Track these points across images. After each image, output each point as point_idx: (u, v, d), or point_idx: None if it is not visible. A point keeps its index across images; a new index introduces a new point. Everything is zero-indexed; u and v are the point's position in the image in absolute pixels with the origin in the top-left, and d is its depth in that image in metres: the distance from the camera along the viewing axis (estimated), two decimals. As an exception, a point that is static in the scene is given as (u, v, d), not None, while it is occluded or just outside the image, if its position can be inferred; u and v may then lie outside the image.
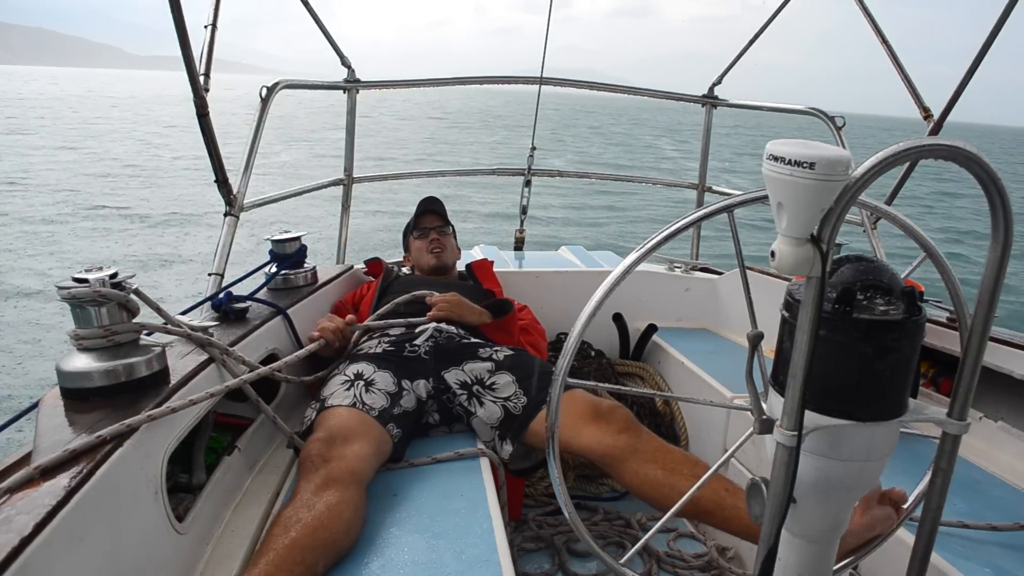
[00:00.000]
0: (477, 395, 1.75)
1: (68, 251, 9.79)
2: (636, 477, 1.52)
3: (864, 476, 0.78)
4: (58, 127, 29.65)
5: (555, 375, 0.86)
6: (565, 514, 0.90)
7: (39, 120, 33.06)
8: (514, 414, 1.69)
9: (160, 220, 12.07)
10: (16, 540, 0.80)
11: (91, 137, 25.78)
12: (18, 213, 12.09)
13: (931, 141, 0.64)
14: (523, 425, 1.67)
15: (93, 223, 11.72)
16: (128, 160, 20.00)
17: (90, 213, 12.47)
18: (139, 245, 10.39)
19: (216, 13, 2.00)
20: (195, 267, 8.96)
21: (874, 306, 0.73)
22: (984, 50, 2.09)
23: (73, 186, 15.01)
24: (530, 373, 1.77)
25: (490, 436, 1.72)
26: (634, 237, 11.90)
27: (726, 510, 1.42)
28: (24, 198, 13.53)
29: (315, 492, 1.28)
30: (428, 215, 2.40)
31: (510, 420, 1.69)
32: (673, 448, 1.57)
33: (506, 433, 1.69)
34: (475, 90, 9.78)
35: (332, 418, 1.51)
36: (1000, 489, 1.53)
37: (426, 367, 1.79)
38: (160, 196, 14.29)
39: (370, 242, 9.59)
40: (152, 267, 9.04)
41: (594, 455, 1.57)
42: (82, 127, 30.32)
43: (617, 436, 1.55)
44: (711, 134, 3.26)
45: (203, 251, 9.73)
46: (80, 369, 1.17)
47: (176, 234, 11.12)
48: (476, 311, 2.01)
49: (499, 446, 1.70)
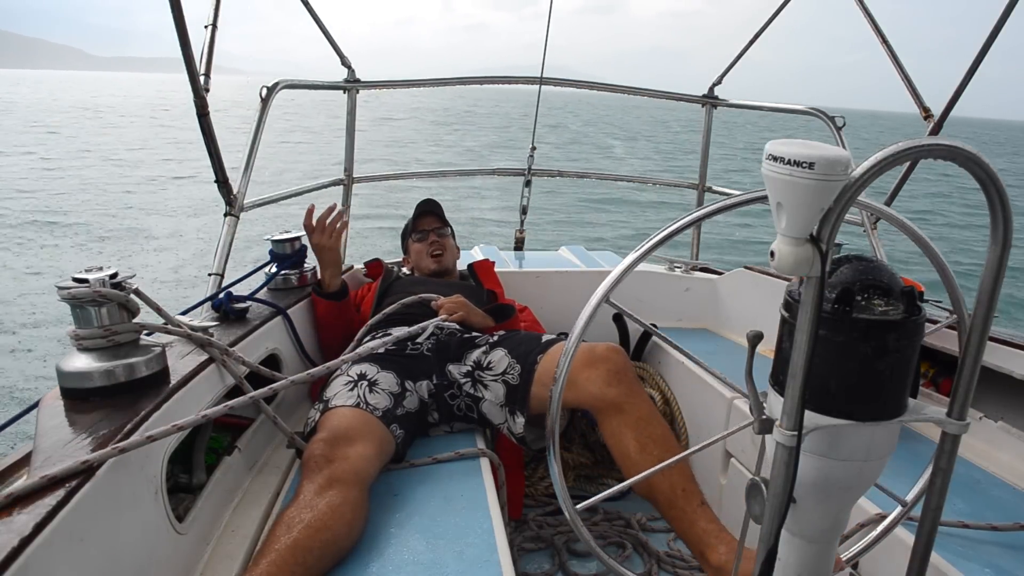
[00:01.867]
0: (479, 379, 1.77)
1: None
2: (612, 438, 1.59)
3: (864, 476, 0.78)
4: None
5: (556, 375, 0.86)
6: (565, 514, 0.90)
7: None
8: (514, 385, 1.72)
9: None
10: (16, 540, 0.80)
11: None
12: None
13: (930, 141, 0.64)
14: (525, 392, 1.70)
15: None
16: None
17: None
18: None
19: (216, 13, 2.00)
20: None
21: (874, 306, 0.73)
22: (985, 49, 2.09)
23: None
24: (519, 342, 1.82)
25: (502, 416, 1.74)
26: (634, 237, 11.90)
27: (674, 509, 1.46)
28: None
29: (318, 492, 1.28)
30: (426, 217, 2.40)
31: (512, 392, 1.72)
32: (657, 422, 1.59)
33: (513, 406, 1.72)
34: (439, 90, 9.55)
35: (336, 418, 1.51)
36: (1000, 489, 1.53)
37: (429, 364, 1.80)
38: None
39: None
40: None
41: (585, 403, 1.63)
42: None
43: (607, 388, 1.59)
44: (711, 134, 3.26)
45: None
46: (80, 369, 1.17)
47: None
48: (479, 315, 2.02)
49: (512, 422, 1.72)
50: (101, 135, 28.59)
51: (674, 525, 1.48)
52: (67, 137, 27.31)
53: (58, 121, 35.58)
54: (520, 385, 1.72)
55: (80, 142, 25.50)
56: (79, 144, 24.70)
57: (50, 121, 35.26)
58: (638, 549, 2.02)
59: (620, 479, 2.42)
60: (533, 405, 1.71)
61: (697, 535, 1.42)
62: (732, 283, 2.62)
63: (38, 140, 25.53)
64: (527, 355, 1.76)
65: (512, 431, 1.72)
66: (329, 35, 2.79)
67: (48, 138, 26.57)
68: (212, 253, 1.95)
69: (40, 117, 37.99)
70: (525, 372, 1.73)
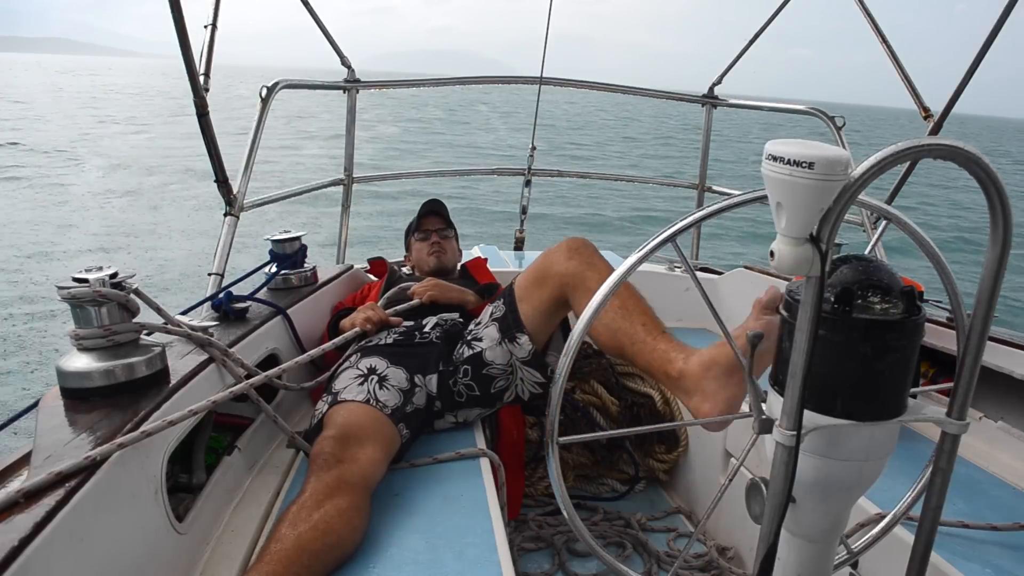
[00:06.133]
0: (474, 337, 1.77)
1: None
2: (579, 307, 1.57)
3: (864, 476, 0.78)
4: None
5: (556, 375, 0.86)
6: (564, 514, 0.90)
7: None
8: (503, 315, 1.73)
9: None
10: (16, 540, 0.80)
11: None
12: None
13: (931, 141, 0.64)
14: (514, 313, 1.71)
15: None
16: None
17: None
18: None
19: (216, 13, 2.00)
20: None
21: (873, 306, 0.73)
22: (985, 48, 2.09)
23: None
24: (496, 288, 1.84)
25: (505, 354, 1.71)
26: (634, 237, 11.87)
27: (636, 344, 1.44)
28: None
29: (326, 493, 1.26)
30: (430, 217, 2.40)
31: (504, 321, 1.72)
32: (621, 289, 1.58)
33: (511, 332, 1.71)
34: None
35: (345, 414, 1.49)
36: (1000, 489, 1.53)
37: (439, 351, 1.80)
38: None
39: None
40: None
41: (556, 288, 1.63)
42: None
43: (567, 263, 1.60)
44: (711, 134, 3.26)
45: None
46: (80, 369, 1.17)
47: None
48: (456, 288, 2.06)
49: (515, 348, 1.70)
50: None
51: (639, 362, 1.45)
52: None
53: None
54: (508, 310, 1.72)
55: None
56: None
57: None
58: (638, 549, 2.02)
59: (620, 479, 2.43)
60: (526, 322, 1.70)
61: (658, 358, 1.40)
62: (732, 283, 2.62)
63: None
64: (507, 289, 1.78)
65: (517, 356, 1.70)
66: (328, 34, 2.80)
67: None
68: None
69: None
70: (507, 297, 1.74)
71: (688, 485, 2.31)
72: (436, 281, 2.06)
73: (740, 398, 1.30)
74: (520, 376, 1.72)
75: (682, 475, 2.35)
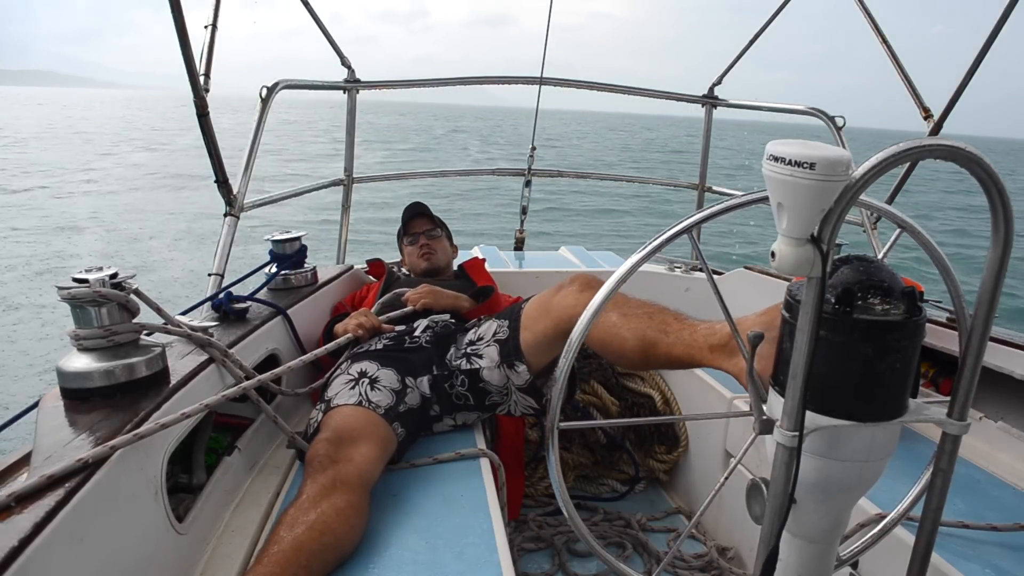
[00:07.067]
0: (474, 352, 1.75)
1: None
2: (596, 328, 1.50)
3: (864, 476, 0.78)
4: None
5: (556, 375, 0.86)
6: (565, 514, 0.90)
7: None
8: (504, 338, 1.71)
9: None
10: (16, 540, 0.80)
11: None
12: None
13: (931, 141, 0.64)
14: (515, 341, 1.69)
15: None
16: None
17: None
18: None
19: (216, 13, 2.00)
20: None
21: (874, 306, 0.73)
22: (984, 50, 2.09)
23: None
24: (507, 308, 1.82)
25: (502, 378, 1.70)
26: (634, 236, 11.88)
27: (667, 336, 1.41)
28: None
29: (322, 493, 1.26)
30: (416, 220, 2.41)
31: (505, 346, 1.71)
32: (634, 300, 1.55)
33: (510, 359, 1.69)
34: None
35: (338, 418, 1.50)
36: (1000, 489, 1.53)
37: (429, 356, 1.79)
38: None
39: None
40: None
41: (568, 320, 1.57)
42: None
43: (580, 296, 1.58)
44: (711, 134, 3.26)
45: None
46: (80, 369, 1.17)
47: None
48: (450, 295, 2.05)
49: (512, 375, 1.69)
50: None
51: (677, 350, 1.39)
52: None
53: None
54: (510, 336, 1.71)
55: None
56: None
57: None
58: (638, 549, 2.02)
59: (620, 479, 2.43)
60: (527, 353, 1.68)
61: (702, 331, 1.36)
62: (732, 283, 2.62)
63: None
64: (513, 311, 1.76)
65: (514, 383, 1.69)
66: (329, 35, 2.80)
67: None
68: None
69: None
70: (512, 323, 1.72)
71: (688, 485, 2.31)
72: (430, 288, 2.06)
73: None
74: (515, 399, 1.72)
75: (682, 475, 2.35)
